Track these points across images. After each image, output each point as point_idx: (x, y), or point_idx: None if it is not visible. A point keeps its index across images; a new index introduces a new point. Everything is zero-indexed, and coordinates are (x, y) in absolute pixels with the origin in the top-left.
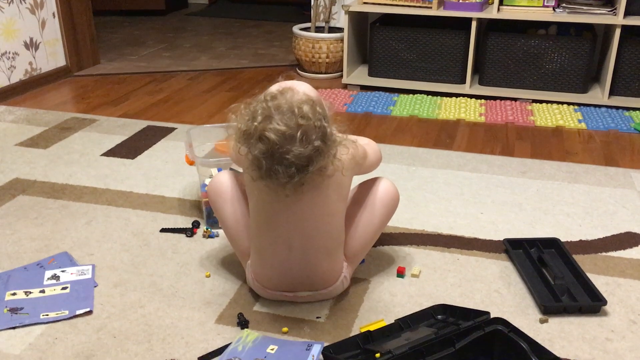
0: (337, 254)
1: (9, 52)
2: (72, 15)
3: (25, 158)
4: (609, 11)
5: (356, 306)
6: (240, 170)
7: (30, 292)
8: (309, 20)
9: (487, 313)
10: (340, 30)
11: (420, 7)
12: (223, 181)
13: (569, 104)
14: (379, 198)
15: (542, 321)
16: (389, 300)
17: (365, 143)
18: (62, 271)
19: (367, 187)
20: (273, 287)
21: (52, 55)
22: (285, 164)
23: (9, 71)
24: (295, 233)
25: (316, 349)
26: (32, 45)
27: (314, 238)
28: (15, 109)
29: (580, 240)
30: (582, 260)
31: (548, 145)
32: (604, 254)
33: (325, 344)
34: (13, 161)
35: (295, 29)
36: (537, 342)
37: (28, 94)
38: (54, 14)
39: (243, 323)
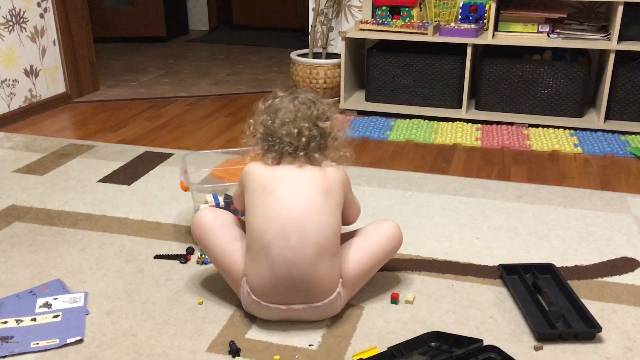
0: (332, 259)
1: (9, 79)
2: (73, 43)
3: (22, 185)
4: (603, 37)
5: (349, 333)
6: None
7: (22, 321)
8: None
9: (480, 340)
10: (337, 56)
11: (416, 33)
12: (203, 216)
13: (565, 128)
14: (383, 233)
15: (536, 348)
16: (383, 327)
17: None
18: (55, 299)
19: (374, 224)
20: (269, 298)
21: (52, 82)
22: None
23: (8, 98)
24: (292, 225)
25: None
26: (32, 72)
27: (307, 233)
28: (14, 136)
29: (576, 266)
30: (578, 286)
31: (544, 169)
32: (599, 279)
33: None
34: (10, 188)
35: (293, 54)
36: None
37: (27, 120)
38: (54, 41)
39: (235, 351)
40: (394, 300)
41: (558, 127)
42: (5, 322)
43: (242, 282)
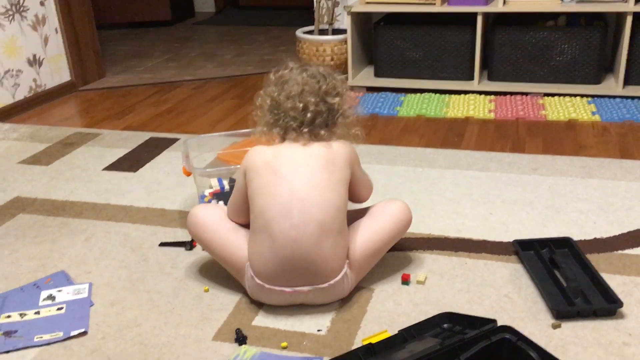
0: (337, 237)
1: (12, 70)
2: (75, 30)
3: (27, 176)
4: None
5: (359, 317)
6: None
7: (25, 314)
8: None
9: (494, 321)
10: (344, 31)
11: (423, 4)
12: (196, 214)
13: (582, 96)
14: (391, 213)
15: (554, 326)
16: (394, 310)
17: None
18: (58, 291)
19: (382, 204)
20: (273, 280)
21: (57, 71)
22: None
23: (12, 89)
24: (293, 201)
25: None
26: (35, 61)
27: (309, 209)
28: (19, 127)
29: (595, 239)
30: (597, 260)
31: (560, 139)
32: (620, 252)
33: (326, 359)
34: (15, 179)
35: (299, 32)
36: (547, 352)
37: (33, 110)
38: (56, 29)
39: (241, 339)
40: (405, 281)
41: (575, 95)
42: (8, 317)
43: (246, 267)
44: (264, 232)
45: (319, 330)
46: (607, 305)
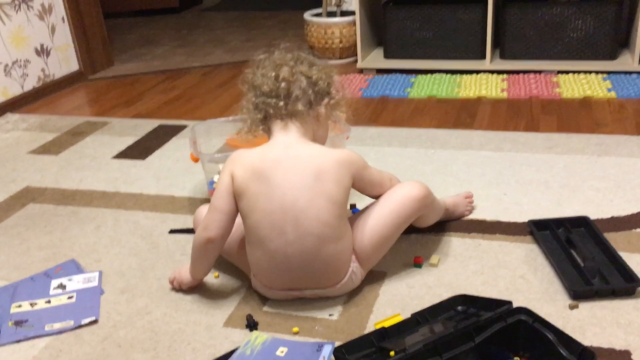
0: (337, 244)
1: (20, 60)
2: (82, 19)
3: (36, 166)
4: None
5: (371, 301)
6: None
7: (36, 303)
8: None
9: (509, 302)
10: (352, 13)
11: None
12: (197, 213)
13: (597, 72)
14: (394, 197)
15: (571, 307)
16: (406, 293)
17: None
18: (69, 280)
19: (393, 189)
20: (277, 286)
21: (65, 60)
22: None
23: (21, 79)
24: (287, 218)
25: (327, 350)
26: (43, 51)
27: (304, 224)
28: (29, 117)
29: (612, 217)
30: (615, 239)
31: (575, 117)
32: (638, 230)
33: (337, 344)
34: (25, 169)
35: (307, 15)
36: (564, 332)
37: (42, 100)
38: (63, 18)
39: (252, 325)
40: (418, 263)
41: (589, 72)
42: (19, 306)
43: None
44: (259, 248)
45: (330, 315)
46: (626, 285)
